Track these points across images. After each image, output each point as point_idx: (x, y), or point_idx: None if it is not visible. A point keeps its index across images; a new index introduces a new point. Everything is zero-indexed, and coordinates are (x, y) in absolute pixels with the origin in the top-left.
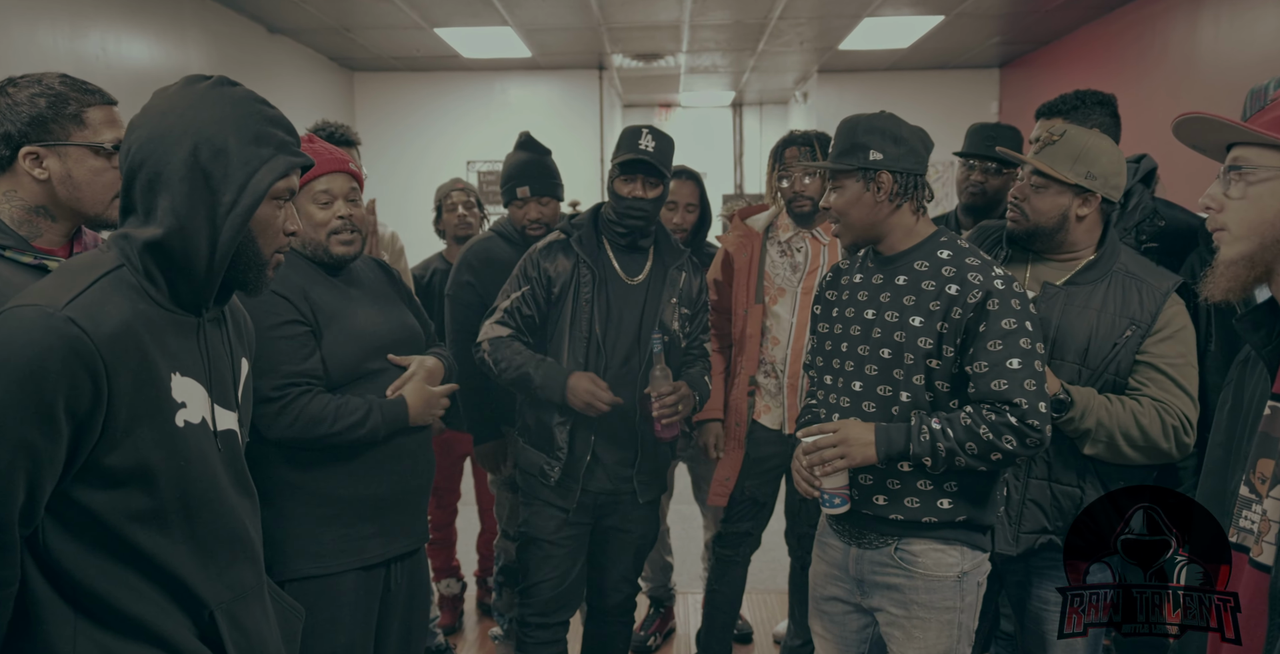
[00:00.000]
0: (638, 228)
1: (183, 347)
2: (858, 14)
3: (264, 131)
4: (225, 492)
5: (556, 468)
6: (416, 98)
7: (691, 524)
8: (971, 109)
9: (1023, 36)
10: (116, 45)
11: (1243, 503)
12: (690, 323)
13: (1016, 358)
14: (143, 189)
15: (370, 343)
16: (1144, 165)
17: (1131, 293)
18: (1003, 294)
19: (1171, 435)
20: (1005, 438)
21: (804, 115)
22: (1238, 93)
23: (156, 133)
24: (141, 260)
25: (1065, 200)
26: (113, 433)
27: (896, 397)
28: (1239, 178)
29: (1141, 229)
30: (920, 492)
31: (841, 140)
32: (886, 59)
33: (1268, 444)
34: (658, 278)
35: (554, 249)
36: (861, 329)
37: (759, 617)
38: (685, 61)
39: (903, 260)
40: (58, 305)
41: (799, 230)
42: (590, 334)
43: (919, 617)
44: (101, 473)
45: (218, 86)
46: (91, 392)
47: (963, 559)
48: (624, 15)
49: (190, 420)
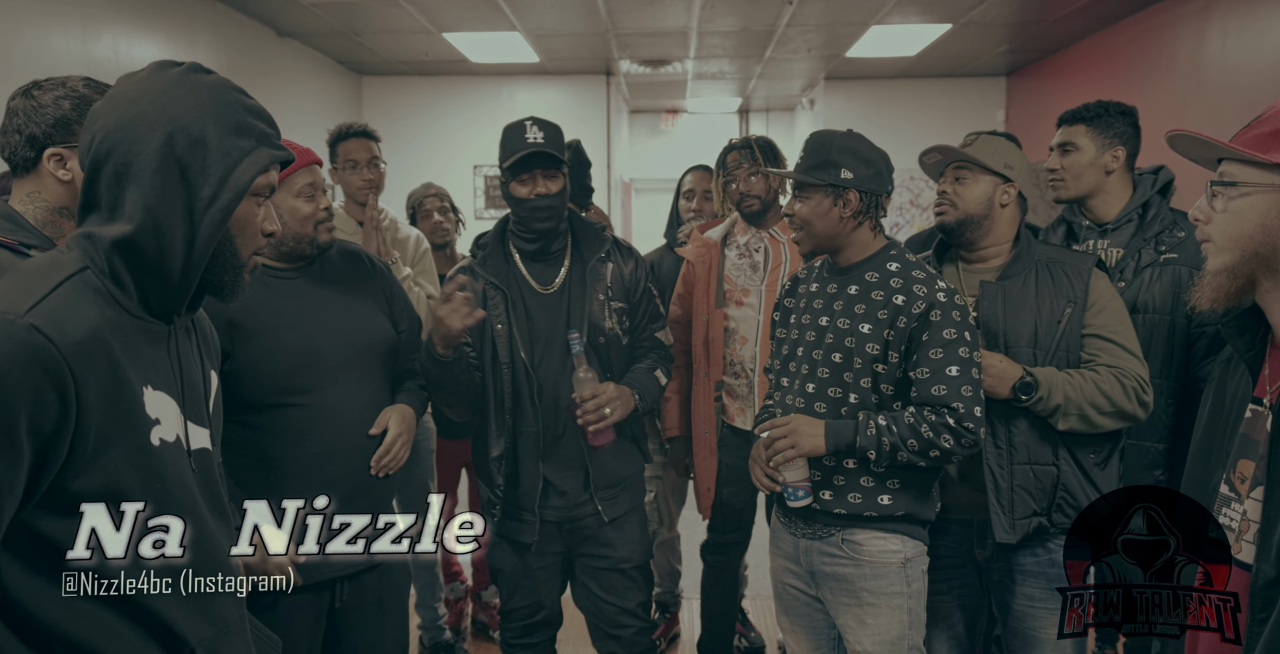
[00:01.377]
0: (549, 230)
1: (153, 357)
2: (865, 22)
3: (244, 122)
4: (204, 517)
5: (498, 505)
6: (424, 102)
7: (699, 529)
8: (978, 117)
9: (1030, 45)
10: (128, 48)
11: (1223, 500)
12: (631, 315)
13: (955, 365)
14: (109, 182)
15: (301, 361)
16: (1162, 176)
17: (1059, 275)
18: (945, 306)
19: (1133, 396)
20: (944, 437)
21: (811, 122)
22: (1245, 103)
23: (125, 121)
24: (109, 262)
25: (989, 188)
26: (81, 454)
27: (845, 398)
28: (1222, 192)
29: (1161, 239)
30: (863, 488)
31: (813, 154)
32: (894, 67)
33: (1248, 445)
34: (577, 278)
35: (460, 273)
36: (816, 334)
37: (765, 622)
38: (692, 67)
39: (856, 271)
40: (18, 311)
41: (755, 232)
42: (513, 360)
43: (869, 603)
44: (68, 499)
45: (191, 73)
46: (58, 408)
47: (904, 546)
48: (632, 21)
49: (165, 438)
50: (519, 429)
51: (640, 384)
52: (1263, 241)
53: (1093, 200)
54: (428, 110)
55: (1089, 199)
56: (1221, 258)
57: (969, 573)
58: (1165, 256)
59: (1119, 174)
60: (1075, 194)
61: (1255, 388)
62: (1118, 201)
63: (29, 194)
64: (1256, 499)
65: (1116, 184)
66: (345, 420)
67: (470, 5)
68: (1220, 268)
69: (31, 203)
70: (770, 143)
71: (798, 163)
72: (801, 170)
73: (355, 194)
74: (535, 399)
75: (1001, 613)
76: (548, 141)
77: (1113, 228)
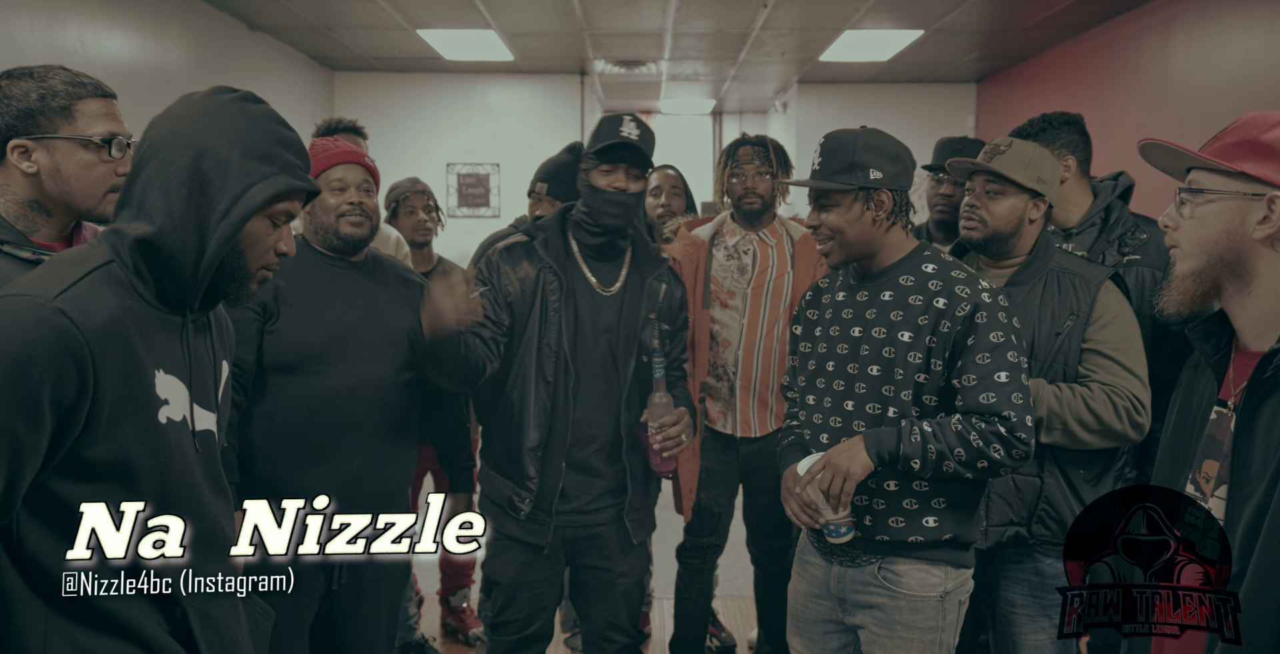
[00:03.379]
0: (615, 227)
1: (167, 345)
2: (839, 26)
3: (271, 150)
4: (201, 490)
5: (527, 500)
6: (397, 98)
7: (669, 530)
8: (948, 123)
9: (999, 53)
10: (95, 39)
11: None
12: (670, 341)
13: (1004, 371)
14: (144, 185)
15: (336, 332)
16: (1122, 182)
17: (1067, 287)
18: (990, 307)
19: (1124, 416)
20: (994, 447)
21: (783, 125)
22: (1208, 112)
23: (169, 134)
24: (132, 257)
25: (1021, 204)
26: (95, 426)
27: (885, 413)
28: (1190, 199)
29: (1124, 242)
30: (906, 511)
31: (836, 158)
32: (866, 71)
33: (1213, 446)
34: (634, 289)
35: (515, 252)
36: (849, 347)
37: (735, 622)
38: (667, 69)
39: (887, 276)
40: (48, 296)
41: (745, 233)
42: (559, 349)
43: (901, 636)
44: (82, 466)
45: (240, 101)
46: (78, 383)
47: (946, 579)
48: (607, 21)
49: (172, 417)
50: (554, 422)
51: (695, 414)
52: (1227, 247)
53: (1053, 209)
54: (401, 107)
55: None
56: (1188, 263)
57: None
58: (1129, 258)
59: (1074, 181)
60: None
61: (1220, 391)
62: (1077, 208)
63: None
64: (1220, 498)
65: (1073, 191)
66: (367, 396)
67: (445, 2)
68: (1187, 272)
69: (1, 196)
70: (782, 148)
71: (815, 170)
72: (825, 176)
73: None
74: (571, 395)
75: (987, 617)
76: (642, 141)
77: (1076, 232)
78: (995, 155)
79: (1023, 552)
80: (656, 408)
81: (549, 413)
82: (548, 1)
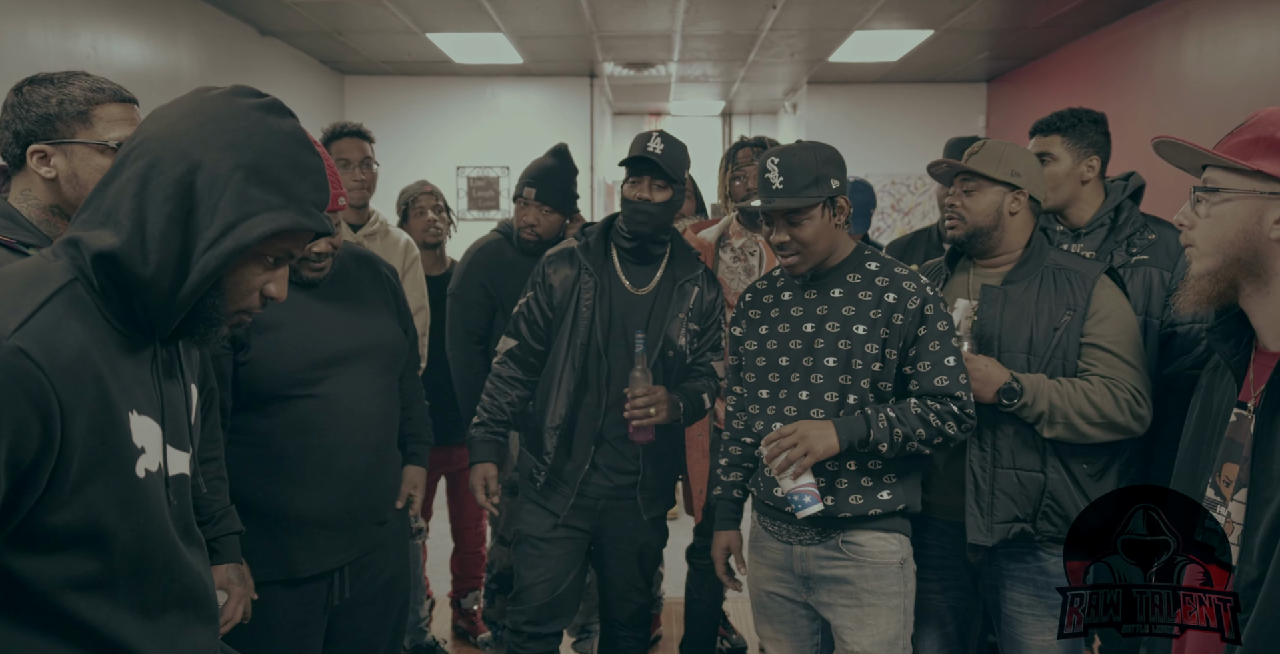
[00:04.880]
0: (644, 234)
1: (137, 377)
2: (848, 27)
3: (284, 178)
4: (177, 547)
5: (543, 473)
6: (407, 102)
7: (679, 531)
8: (959, 123)
9: (1010, 52)
10: (108, 46)
11: (1209, 504)
12: (698, 339)
13: (951, 356)
14: (120, 189)
15: (314, 354)
16: (1132, 182)
17: (1064, 283)
18: (934, 299)
19: (1126, 409)
20: (949, 424)
21: (793, 126)
22: (1221, 110)
23: (166, 133)
24: (95, 273)
25: (997, 198)
26: (60, 488)
27: (844, 400)
28: (1206, 197)
29: (1132, 242)
30: (863, 488)
31: (799, 175)
32: (876, 72)
33: (1233, 449)
34: (665, 290)
35: (561, 257)
36: (803, 342)
37: (745, 623)
38: (676, 71)
39: (834, 275)
40: (4, 332)
41: (751, 235)
42: (590, 341)
43: (870, 604)
44: (42, 535)
45: (261, 110)
46: (41, 438)
47: (901, 546)
48: (616, 24)
49: (149, 468)
50: (581, 405)
51: (688, 398)
52: (1244, 246)
53: (1069, 208)
54: (411, 111)
55: (1065, 208)
56: (1204, 262)
57: (962, 575)
58: (1137, 258)
59: (1093, 182)
60: (1053, 204)
61: (1240, 392)
62: (1091, 208)
63: (21, 192)
64: (1240, 501)
65: (1091, 191)
66: (352, 414)
67: (454, 6)
68: (1203, 272)
69: (25, 200)
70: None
71: (778, 189)
72: (793, 194)
73: (347, 194)
74: (604, 383)
75: (994, 617)
76: (665, 155)
77: (1085, 232)
78: (970, 156)
79: (1027, 551)
80: (634, 380)
81: (573, 396)
82: (556, 4)
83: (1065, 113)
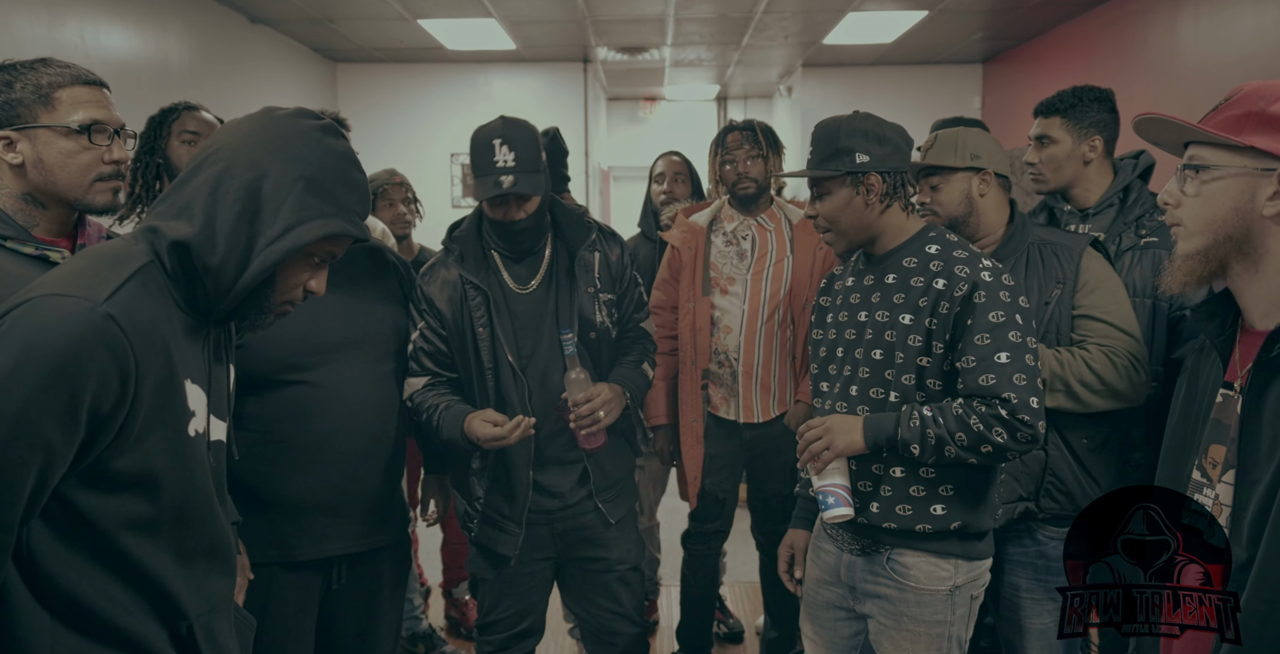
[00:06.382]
0: (525, 248)
1: (193, 352)
2: (842, 9)
3: (336, 191)
4: (213, 502)
5: (475, 520)
6: (400, 89)
7: (675, 517)
8: (954, 104)
9: (1005, 32)
10: (95, 35)
11: (1195, 487)
12: (619, 306)
13: (1005, 352)
14: (196, 188)
15: (307, 340)
16: (1142, 161)
17: (1050, 257)
18: (990, 286)
19: (1125, 375)
20: (995, 430)
21: (788, 109)
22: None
23: (239, 145)
24: (169, 258)
25: (964, 184)
26: (126, 437)
27: (888, 398)
28: (1194, 176)
29: (1141, 223)
30: (913, 498)
31: (823, 146)
32: (870, 54)
33: (1219, 430)
34: (563, 270)
35: (434, 271)
36: (856, 332)
37: (742, 608)
38: (670, 55)
39: (892, 258)
40: (98, 299)
41: (743, 219)
42: (497, 364)
43: (908, 629)
44: (106, 477)
45: (320, 131)
46: (118, 392)
47: (956, 573)
48: (609, 8)
49: (198, 430)
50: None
51: (631, 381)
52: (1236, 225)
53: (1074, 190)
54: (403, 98)
55: (1069, 189)
56: (1194, 241)
57: None
58: (1146, 240)
59: (1098, 162)
60: (1056, 186)
61: (1226, 372)
62: (1098, 188)
63: None
64: (1228, 483)
65: (1096, 171)
66: (348, 400)
67: None
68: (1193, 251)
69: None
70: (771, 129)
71: (808, 159)
72: (815, 166)
73: None
74: (526, 402)
75: (992, 601)
76: (519, 163)
77: (1094, 212)
78: (926, 152)
79: (1026, 534)
80: (572, 384)
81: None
82: None
83: (1066, 92)
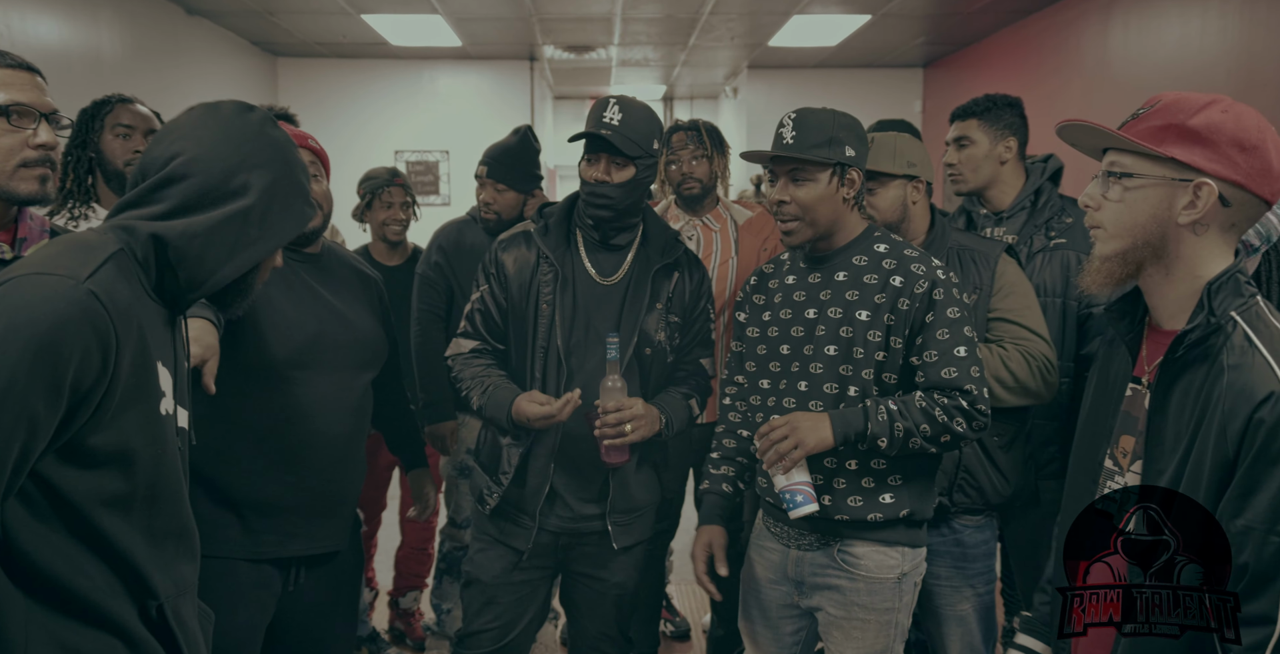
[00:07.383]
0: (603, 218)
1: (163, 337)
2: (787, 11)
3: (302, 181)
4: (181, 484)
5: (495, 495)
6: (343, 85)
7: None
8: (896, 107)
9: (946, 38)
10: (22, 23)
11: (1107, 474)
12: (682, 333)
13: (962, 346)
14: (180, 196)
15: (311, 336)
16: (1051, 164)
17: (968, 263)
18: (945, 284)
19: (1038, 374)
20: (956, 420)
21: (734, 110)
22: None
23: (207, 154)
24: (143, 249)
25: (900, 191)
26: (104, 413)
27: (844, 391)
28: (1117, 182)
29: (1050, 225)
30: (864, 489)
31: (812, 133)
32: (815, 56)
33: (1128, 422)
34: (639, 278)
35: (515, 240)
36: (804, 328)
37: (689, 606)
38: (617, 54)
39: (840, 257)
40: (79, 277)
41: (689, 218)
42: (549, 345)
43: (859, 617)
44: (82, 453)
45: (267, 124)
46: (99, 368)
47: (903, 561)
48: (555, 7)
49: (168, 410)
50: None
51: (672, 409)
52: (1153, 231)
53: (990, 191)
54: (346, 94)
55: (986, 190)
56: (1113, 244)
57: None
58: (1055, 241)
59: (1012, 163)
60: (974, 186)
61: (1134, 368)
62: (1012, 190)
63: None
64: (1136, 472)
65: (1010, 173)
66: (333, 405)
67: None
68: (1112, 254)
69: None
70: (717, 129)
71: (789, 144)
72: (802, 150)
73: None
74: (562, 391)
75: None
76: (624, 125)
77: (1008, 216)
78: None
79: (943, 522)
80: (606, 391)
81: None
82: None
83: (981, 98)
